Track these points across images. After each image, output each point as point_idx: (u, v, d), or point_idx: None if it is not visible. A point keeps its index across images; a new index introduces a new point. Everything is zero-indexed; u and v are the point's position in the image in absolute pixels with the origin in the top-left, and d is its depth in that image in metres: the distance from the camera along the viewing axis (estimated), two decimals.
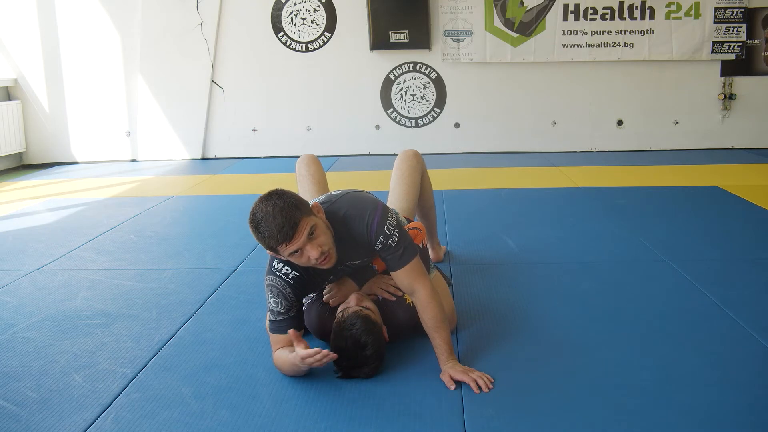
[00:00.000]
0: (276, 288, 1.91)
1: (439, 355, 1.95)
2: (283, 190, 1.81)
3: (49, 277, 2.93)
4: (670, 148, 6.24)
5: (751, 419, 1.69)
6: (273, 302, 1.91)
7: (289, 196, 1.79)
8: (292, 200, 1.78)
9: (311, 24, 6.15)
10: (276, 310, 1.91)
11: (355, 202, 1.96)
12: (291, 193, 1.81)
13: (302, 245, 1.78)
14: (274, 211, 1.74)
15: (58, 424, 1.74)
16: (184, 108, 6.24)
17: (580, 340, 2.17)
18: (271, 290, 1.92)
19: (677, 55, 6.03)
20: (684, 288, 2.62)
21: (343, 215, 1.93)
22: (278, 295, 1.90)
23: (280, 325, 1.93)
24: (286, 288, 1.91)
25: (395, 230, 1.93)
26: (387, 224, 1.92)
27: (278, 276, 1.92)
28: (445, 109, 6.26)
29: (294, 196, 1.81)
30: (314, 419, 1.73)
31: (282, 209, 1.74)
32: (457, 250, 3.17)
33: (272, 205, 1.75)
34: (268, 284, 1.93)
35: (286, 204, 1.76)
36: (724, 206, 3.99)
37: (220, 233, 3.59)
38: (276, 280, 1.91)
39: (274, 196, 1.78)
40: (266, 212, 1.75)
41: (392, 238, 1.92)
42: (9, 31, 6.03)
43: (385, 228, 1.91)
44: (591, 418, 1.70)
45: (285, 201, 1.76)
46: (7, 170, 5.98)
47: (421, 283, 1.95)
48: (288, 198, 1.78)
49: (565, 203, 4.15)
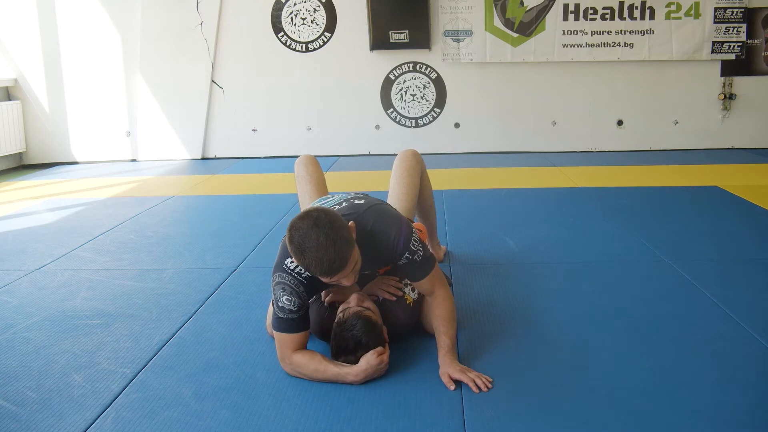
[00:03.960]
0: (289, 286, 1.89)
1: (440, 350, 1.96)
2: (330, 216, 1.76)
3: (49, 277, 2.93)
4: (670, 148, 6.24)
5: (751, 419, 1.69)
6: (285, 300, 1.89)
7: (338, 225, 1.75)
8: (342, 232, 1.74)
9: (311, 24, 6.15)
10: (288, 308, 1.90)
11: (382, 217, 1.98)
12: (339, 221, 1.77)
13: (342, 277, 1.80)
14: (326, 244, 1.70)
15: (58, 424, 1.74)
16: (184, 108, 6.24)
17: (580, 340, 2.17)
18: (283, 288, 1.89)
19: (677, 55, 6.03)
20: (684, 288, 2.62)
21: (370, 230, 1.94)
22: (292, 293, 1.89)
23: (292, 324, 1.92)
24: (300, 287, 1.90)
25: (419, 246, 2.00)
26: (412, 241, 1.97)
27: (291, 274, 1.90)
28: (445, 109, 6.26)
29: (342, 224, 1.77)
30: (314, 419, 1.73)
31: (335, 242, 1.71)
32: (457, 250, 3.17)
33: (324, 235, 1.71)
34: (280, 282, 1.90)
35: (339, 237, 1.72)
36: (724, 206, 3.99)
37: (220, 233, 3.59)
38: (289, 278, 1.90)
39: (323, 225, 1.73)
40: (318, 242, 1.70)
41: (417, 254, 1.98)
42: (9, 31, 6.03)
43: (411, 245, 1.97)
44: (591, 418, 1.70)
45: (337, 233, 1.73)
46: (7, 170, 5.98)
47: (442, 287, 2.07)
48: (338, 228, 1.74)
49: (565, 203, 4.15)
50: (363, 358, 1.88)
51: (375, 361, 1.88)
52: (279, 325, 1.93)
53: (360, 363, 1.88)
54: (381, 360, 1.89)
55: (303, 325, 1.94)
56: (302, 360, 1.92)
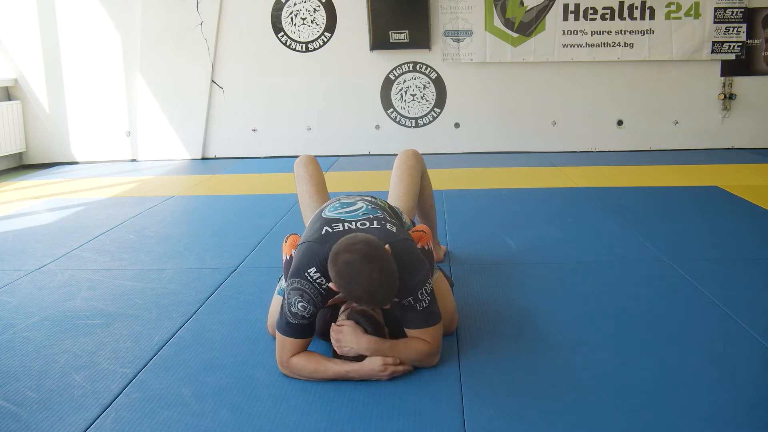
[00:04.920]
0: (308, 294, 1.88)
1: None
2: (379, 250, 1.78)
3: (49, 277, 2.93)
4: (670, 148, 6.24)
5: (751, 419, 1.69)
6: (301, 306, 1.88)
7: (388, 259, 1.78)
8: (392, 266, 1.78)
9: (311, 24, 6.15)
10: (301, 314, 1.89)
11: (413, 257, 1.95)
12: (386, 255, 1.79)
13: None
14: (380, 281, 1.75)
15: (58, 424, 1.74)
16: (184, 108, 6.24)
17: (580, 340, 2.17)
18: (302, 295, 1.88)
19: (677, 55, 6.03)
20: (684, 288, 2.62)
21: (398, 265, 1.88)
22: (309, 301, 1.88)
23: (300, 330, 1.91)
24: (318, 296, 1.90)
25: (427, 297, 1.93)
26: (424, 288, 1.92)
27: (313, 284, 1.89)
28: (445, 109, 6.26)
29: (389, 258, 1.79)
30: (314, 419, 1.73)
31: (387, 278, 1.75)
32: (457, 250, 3.17)
33: (378, 271, 1.74)
34: (298, 288, 1.89)
35: (390, 273, 1.77)
36: (724, 206, 3.99)
37: (220, 233, 3.59)
38: (309, 287, 1.89)
39: (378, 261, 1.75)
40: (371, 278, 1.73)
41: (421, 303, 1.93)
42: (9, 31, 6.03)
43: (420, 293, 1.92)
44: (591, 418, 1.70)
45: (391, 272, 1.76)
46: (7, 170, 5.98)
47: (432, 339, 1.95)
48: (388, 263, 1.77)
49: (565, 203, 4.15)
50: (368, 359, 1.88)
51: (378, 367, 1.87)
52: (287, 329, 1.91)
53: (364, 363, 1.88)
54: (384, 368, 1.88)
55: (310, 332, 1.94)
56: (300, 362, 1.92)
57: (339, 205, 2.13)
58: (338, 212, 2.06)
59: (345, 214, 2.05)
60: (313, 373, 1.91)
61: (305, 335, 1.93)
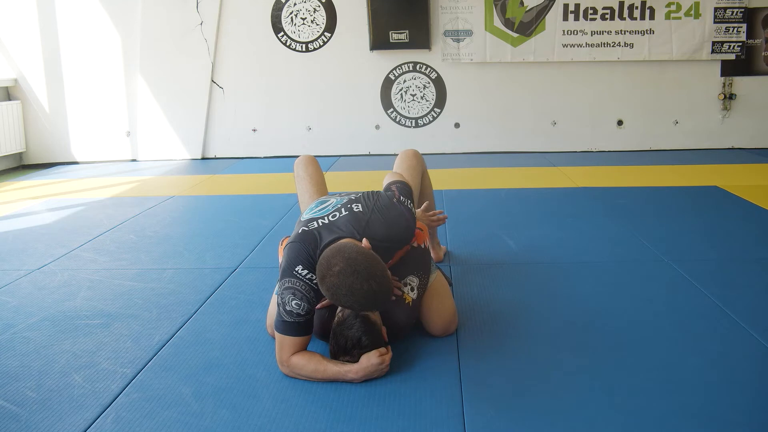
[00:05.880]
0: (300, 291, 1.91)
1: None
2: (362, 258, 1.81)
3: (49, 277, 2.93)
4: (670, 148, 6.24)
5: (751, 419, 1.69)
6: (295, 304, 1.91)
7: (376, 264, 1.82)
8: (381, 270, 1.82)
9: (311, 24, 6.15)
10: (296, 312, 1.91)
11: (396, 215, 2.07)
12: (374, 260, 1.83)
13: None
14: (375, 296, 1.79)
15: (58, 424, 1.74)
16: (184, 108, 6.24)
17: (580, 340, 2.17)
18: (294, 293, 1.91)
19: (677, 55, 6.03)
20: (684, 288, 2.62)
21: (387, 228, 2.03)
22: (302, 298, 1.91)
23: (298, 327, 1.92)
24: (311, 292, 1.92)
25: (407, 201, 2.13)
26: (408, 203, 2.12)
27: (302, 280, 1.92)
28: (445, 109, 6.26)
29: (377, 262, 1.84)
30: (314, 419, 1.73)
31: (377, 294, 1.80)
32: (457, 250, 3.17)
33: (365, 281, 1.78)
34: (290, 287, 1.92)
35: (384, 291, 1.81)
36: (724, 206, 3.99)
37: (220, 233, 3.59)
38: (300, 284, 1.92)
39: (372, 279, 1.79)
40: (361, 290, 1.77)
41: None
42: (9, 31, 6.03)
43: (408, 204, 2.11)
44: (591, 418, 1.70)
45: (383, 288, 1.81)
46: (7, 170, 5.98)
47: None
48: (377, 270, 1.81)
49: (565, 203, 4.15)
50: (364, 356, 1.89)
51: (376, 361, 1.89)
52: (284, 328, 1.93)
53: (361, 361, 1.89)
54: (382, 360, 1.90)
55: (308, 329, 1.95)
56: (301, 361, 1.92)
57: (314, 205, 2.18)
58: (313, 212, 2.11)
59: (318, 212, 2.10)
60: (313, 372, 1.91)
61: (303, 333, 1.94)
